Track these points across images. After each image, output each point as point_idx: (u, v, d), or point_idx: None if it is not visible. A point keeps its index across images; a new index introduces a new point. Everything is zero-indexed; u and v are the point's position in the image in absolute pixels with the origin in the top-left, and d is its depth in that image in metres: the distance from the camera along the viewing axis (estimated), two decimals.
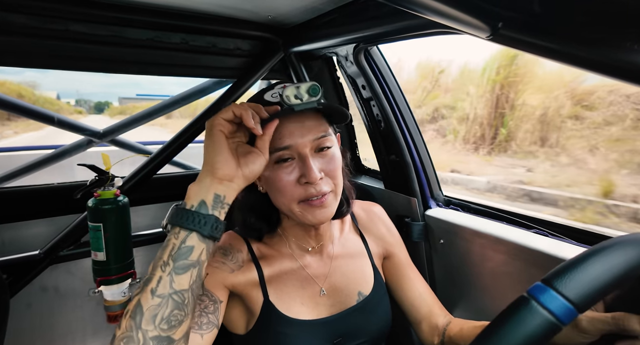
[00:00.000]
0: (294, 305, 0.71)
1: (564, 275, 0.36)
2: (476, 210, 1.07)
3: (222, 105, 1.31)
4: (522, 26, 0.49)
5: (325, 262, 0.77)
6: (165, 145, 1.29)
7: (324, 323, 0.72)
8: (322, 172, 0.64)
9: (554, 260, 0.76)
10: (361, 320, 0.75)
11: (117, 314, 1.07)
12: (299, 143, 0.63)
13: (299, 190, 0.64)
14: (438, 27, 0.78)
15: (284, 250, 0.75)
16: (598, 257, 0.37)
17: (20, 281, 1.14)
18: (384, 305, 0.80)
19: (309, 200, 0.64)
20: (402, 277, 0.85)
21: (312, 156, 0.64)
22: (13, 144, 13.49)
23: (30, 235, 1.18)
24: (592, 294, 0.35)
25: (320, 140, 0.65)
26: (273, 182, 0.65)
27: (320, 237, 0.76)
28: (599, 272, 0.36)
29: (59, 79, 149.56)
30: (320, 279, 0.75)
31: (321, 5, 1.02)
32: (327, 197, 0.65)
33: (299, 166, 0.64)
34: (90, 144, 1.67)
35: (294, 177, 0.64)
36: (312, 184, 0.63)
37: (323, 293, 0.74)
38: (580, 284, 0.35)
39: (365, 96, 1.20)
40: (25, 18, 0.98)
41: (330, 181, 0.66)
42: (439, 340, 0.78)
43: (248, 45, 1.33)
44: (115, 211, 1.02)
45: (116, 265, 1.04)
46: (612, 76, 0.44)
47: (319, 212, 0.65)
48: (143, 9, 1.05)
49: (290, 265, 0.74)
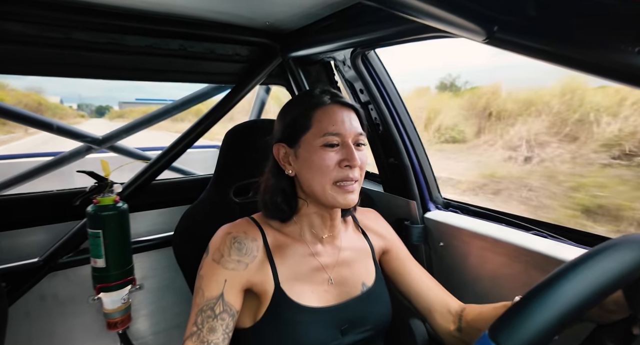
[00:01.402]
0: (304, 293, 0.73)
1: (505, 327, 0.35)
2: (475, 212, 1.07)
3: (222, 110, 1.31)
4: (518, 29, 0.49)
5: (334, 252, 0.80)
6: (165, 151, 1.29)
7: (332, 310, 0.75)
8: (359, 160, 0.72)
9: (553, 261, 0.76)
10: (365, 309, 0.78)
11: (117, 321, 1.06)
12: (348, 132, 0.72)
13: (337, 172, 0.71)
14: (434, 31, 0.79)
15: (297, 238, 0.78)
16: (540, 301, 0.36)
17: (19, 289, 1.14)
18: (385, 297, 0.83)
19: (342, 184, 0.71)
20: (405, 269, 0.88)
21: (354, 147, 0.72)
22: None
23: (29, 242, 1.18)
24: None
25: (360, 136, 0.74)
26: (315, 162, 0.71)
27: (333, 228, 0.80)
28: (539, 322, 0.34)
29: (61, 84, 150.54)
30: (329, 268, 0.78)
31: (318, 11, 1.03)
32: (355, 185, 0.73)
33: (342, 152, 0.72)
34: (90, 151, 1.67)
35: (336, 159, 0.71)
36: (353, 167, 0.71)
37: (331, 282, 0.77)
38: (521, 339, 0.34)
39: (363, 100, 1.21)
40: (25, 26, 0.99)
41: (359, 172, 0.73)
42: (456, 326, 0.79)
43: (246, 51, 1.34)
44: (114, 217, 1.02)
45: (116, 272, 1.03)
46: (607, 78, 0.44)
47: (348, 196, 0.72)
48: (142, 16, 1.06)
49: (302, 252, 0.77)
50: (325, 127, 0.71)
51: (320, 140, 0.71)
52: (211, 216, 0.95)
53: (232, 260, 0.70)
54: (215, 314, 0.66)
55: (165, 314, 1.43)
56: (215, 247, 0.72)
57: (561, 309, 0.35)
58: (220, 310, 0.67)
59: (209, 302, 0.67)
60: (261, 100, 1.85)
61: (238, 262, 0.71)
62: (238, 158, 1.01)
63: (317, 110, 0.73)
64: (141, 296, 1.38)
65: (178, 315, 1.45)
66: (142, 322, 1.40)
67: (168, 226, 1.41)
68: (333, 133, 0.71)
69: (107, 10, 1.01)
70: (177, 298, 1.44)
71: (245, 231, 0.75)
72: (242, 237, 0.74)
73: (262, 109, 1.86)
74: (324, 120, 0.72)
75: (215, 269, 0.69)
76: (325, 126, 0.71)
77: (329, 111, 0.73)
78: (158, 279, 1.40)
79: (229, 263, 0.70)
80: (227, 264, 0.70)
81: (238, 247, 0.72)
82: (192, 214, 0.96)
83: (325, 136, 0.71)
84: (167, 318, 1.44)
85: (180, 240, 0.94)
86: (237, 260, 0.71)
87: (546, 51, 0.48)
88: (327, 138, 0.71)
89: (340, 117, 0.73)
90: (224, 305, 0.67)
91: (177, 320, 1.45)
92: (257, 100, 1.88)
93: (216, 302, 0.67)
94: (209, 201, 0.98)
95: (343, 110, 0.74)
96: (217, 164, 1.00)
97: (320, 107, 0.73)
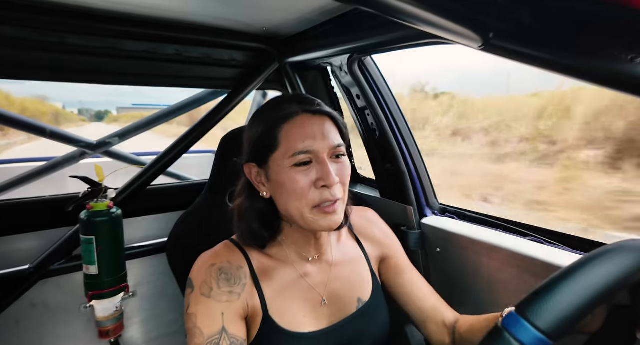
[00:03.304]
0: (295, 319, 0.69)
1: (536, 303, 0.36)
2: (472, 218, 1.08)
3: (218, 115, 1.31)
4: (513, 36, 0.50)
5: (324, 270, 0.76)
6: (160, 156, 1.29)
7: (326, 333, 0.71)
8: (337, 177, 0.65)
9: (549, 267, 0.76)
10: (362, 326, 0.74)
11: (109, 330, 1.04)
12: (320, 147, 0.64)
13: (314, 195, 0.63)
14: (430, 38, 0.80)
15: (283, 260, 0.73)
16: (571, 280, 0.37)
17: (9, 297, 1.11)
18: (383, 309, 0.79)
19: (322, 206, 0.64)
20: (403, 277, 0.84)
21: (329, 161, 0.65)
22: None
23: (20, 249, 1.16)
24: (565, 323, 0.34)
25: (337, 148, 0.66)
26: (287, 185, 0.64)
27: (320, 247, 0.75)
28: (571, 298, 0.35)
29: (62, 89, 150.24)
30: (320, 287, 0.74)
31: (315, 17, 1.04)
32: (338, 204, 0.65)
33: (317, 169, 0.64)
34: (83, 156, 1.66)
35: (310, 180, 0.63)
36: (329, 187, 0.63)
37: (324, 303, 0.73)
38: (552, 313, 0.35)
39: (359, 105, 1.21)
40: (21, 31, 0.99)
41: (341, 188, 0.66)
42: (450, 339, 0.77)
43: (243, 56, 1.34)
44: (108, 223, 1.01)
45: (108, 279, 1.02)
46: (602, 85, 0.45)
47: (330, 218, 0.65)
48: (138, 21, 1.06)
49: (290, 275, 0.72)
50: (294, 145, 0.62)
51: (290, 160, 0.63)
52: (206, 222, 0.94)
53: (223, 292, 0.65)
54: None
55: (158, 321, 1.41)
56: (201, 280, 0.65)
57: (589, 291, 0.36)
58: (228, 343, 0.61)
59: (212, 338, 0.61)
60: (258, 105, 1.85)
61: (230, 293, 0.65)
62: (233, 163, 1.00)
63: (283, 126, 0.64)
64: (134, 303, 1.36)
65: (172, 323, 1.43)
66: (135, 330, 1.38)
67: (163, 232, 1.39)
68: (303, 151, 0.63)
69: (103, 15, 1.01)
70: (171, 305, 1.42)
71: (229, 260, 0.69)
72: (227, 267, 0.67)
73: None
74: (291, 137, 0.63)
75: (207, 304, 0.63)
76: (293, 144, 0.63)
77: (297, 125, 0.64)
78: (152, 286, 1.38)
79: (221, 296, 0.64)
80: (220, 296, 0.64)
81: (226, 277, 0.66)
82: (187, 220, 0.95)
83: (294, 156, 0.63)
84: (160, 325, 1.41)
85: (174, 247, 0.92)
86: (229, 291, 0.65)
87: (541, 58, 0.48)
88: (297, 158, 0.63)
89: (311, 130, 0.64)
90: (229, 337, 0.62)
91: (171, 328, 1.43)
92: (253, 105, 1.88)
93: (220, 337, 0.61)
94: (204, 207, 0.97)
95: (314, 121, 0.65)
96: (213, 170, 1.00)
97: (287, 121, 0.64)
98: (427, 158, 1.18)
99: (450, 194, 3.26)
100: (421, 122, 6.26)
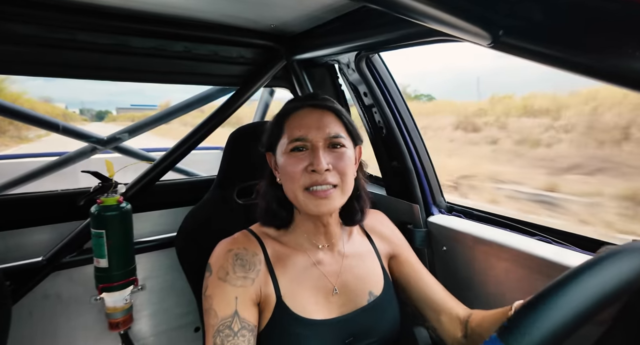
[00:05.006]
0: (307, 305, 0.72)
1: (517, 330, 0.34)
2: (479, 217, 1.07)
3: (226, 112, 1.32)
4: (523, 34, 0.49)
5: (336, 260, 0.78)
6: (169, 152, 1.30)
7: (336, 323, 0.73)
8: (330, 165, 0.69)
9: (558, 267, 0.76)
10: (372, 320, 0.76)
11: (119, 322, 1.06)
12: (315, 135, 0.70)
13: (305, 178, 0.69)
14: (439, 35, 0.79)
15: (297, 247, 0.77)
16: (551, 302, 0.35)
17: (23, 288, 1.14)
18: (394, 305, 0.80)
19: (313, 189, 0.68)
20: (413, 273, 0.85)
21: (323, 150, 0.70)
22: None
23: (33, 242, 1.19)
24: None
25: (334, 139, 0.71)
26: (285, 168, 0.71)
27: (329, 236, 0.78)
28: (553, 321, 0.34)
29: (64, 90, 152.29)
30: (333, 276, 0.76)
31: (323, 14, 1.03)
32: (332, 191, 0.69)
33: (310, 156, 0.70)
34: (94, 151, 1.68)
35: (303, 164, 0.69)
36: (319, 172, 0.68)
37: (336, 292, 0.75)
38: (534, 339, 0.33)
39: (367, 103, 1.21)
40: (30, 27, 1.00)
41: (337, 176, 0.70)
42: (463, 333, 0.77)
43: (251, 53, 1.35)
44: (118, 218, 1.02)
45: (118, 272, 1.03)
46: (613, 83, 0.44)
47: (321, 202, 0.69)
48: (147, 18, 1.07)
49: (303, 262, 0.75)
50: (292, 133, 0.71)
51: (288, 146, 0.71)
52: (214, 217, 0.95)
53: (238, 277, 0.69)
54: (234, 332, 0.64)
55: (167, 315, 1.43)
56: (219, 265, 0.70)
57: (570, 312, 0.35)
58: (239, 327, 0.65)
59: (225, 321, 0.65)
60: (265, 102, 1.85)
61: (244, 278, 0.70)
62: (242, 160, 1.01)
63: (289, 117, 0.73)
64: (143, 297, 1.38)
65: (180, 317, 1.45)
66: (144, 323, 1.40)
67: (171, 227, 1.41)
68: (299, 138, 0.70)
69: (112, 11, 1.02)
70: (179, 299, 1.44)
71: (245, 247, 0.74)
72: (243, 253, 0.72)
73: (266, 111, 1.87)
74: (291, 126, 0.72)
75: (223, 287, 0.68)
76: (292, 132, 0.71)
77: (299, 116, 0.73)
78: (160, 280, 1.41)
79: (236, 280, 0.69)
80: (235, 281, 0.69)
81: (241, 263, 0.71)
82: (195, 215, 0.96)
83: (292, 142, 0.70)
84: (168, 319, 1.44)
85: (183, 241, 0.94)
86: (244, 276, 0.70)
87: (552, 56, 0.48)
88: (293, 144, 0.70)
89: (309, 120, 0.71)
90: (240, 322, 0.66)
91: (179, 322, 1.45)
92: (261, 102, 1.88)
93: (232, 320, 0.65)
94: (212, 202, 0.98)
95: (314, 113, 0.73)
96: (221, 166, 1.01)
97: (293, 113, 0.73)
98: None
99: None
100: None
